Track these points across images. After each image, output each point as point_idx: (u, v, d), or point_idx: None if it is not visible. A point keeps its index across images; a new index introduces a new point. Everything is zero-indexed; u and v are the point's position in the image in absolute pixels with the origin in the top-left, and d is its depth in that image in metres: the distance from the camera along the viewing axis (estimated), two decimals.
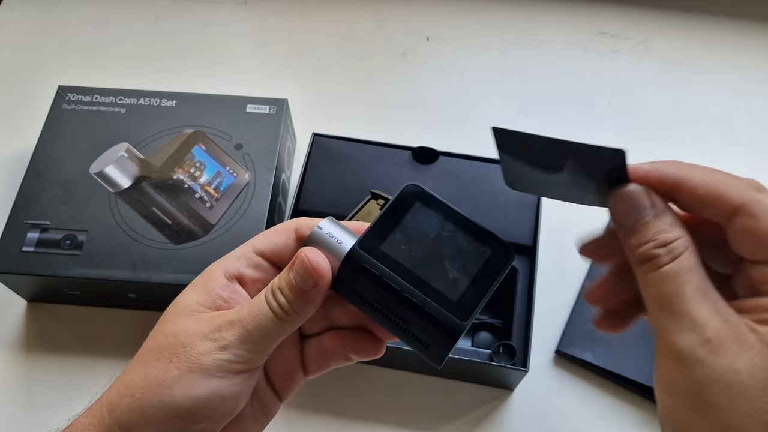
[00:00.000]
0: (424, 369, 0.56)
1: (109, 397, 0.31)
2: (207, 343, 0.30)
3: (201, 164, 0.59)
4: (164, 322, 0.32)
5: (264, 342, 0.31)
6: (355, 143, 0.61)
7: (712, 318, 0.25)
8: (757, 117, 0.71)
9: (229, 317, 0.31)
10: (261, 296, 0.32)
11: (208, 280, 0.33)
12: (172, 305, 0.33)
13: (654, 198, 0.27)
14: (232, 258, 0.33)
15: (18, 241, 0.54)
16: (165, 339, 0.31)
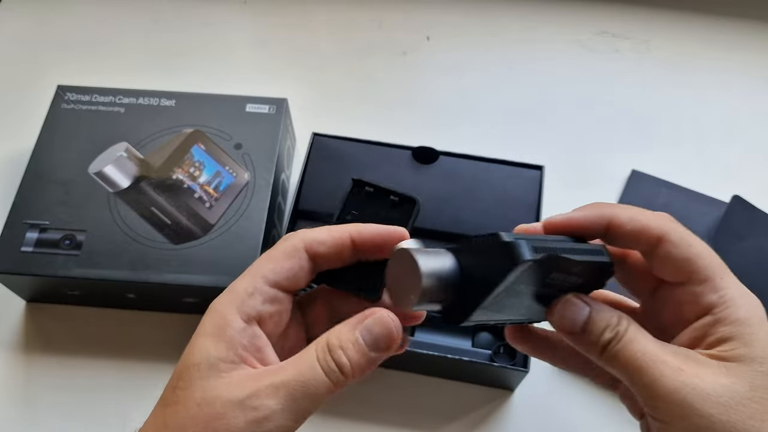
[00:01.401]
0: (425, 370, 0.56)
1: None
2: (246, 413, 0.27)
3: (200, 164, 0.59)
4: (189, 387, 0.28)
5: (311, 409, 0.28)
6: (355, 143, 0.60)
7: (677, 359, 0.28)
8: (757, 117, 0.71)
9: (270, 381, 0.28)
10: (311, 357, 0.29)
11: (223, 327, 0.29)
12: (192, 364, 0.29)
13: (583, 297, 0.30)
14: (244, 294, 0.30)
15: (17, 241, 0.54)
16: (197, 409, 0.28)
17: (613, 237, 0.31)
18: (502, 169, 0.59)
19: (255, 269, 0.31)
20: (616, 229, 0.31)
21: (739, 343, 0.28)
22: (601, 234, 0.31)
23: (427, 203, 0.57)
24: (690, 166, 0.66)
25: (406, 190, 0.33)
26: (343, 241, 0.31)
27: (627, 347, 0.28)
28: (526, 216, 0.57)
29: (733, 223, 0.62)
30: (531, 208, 0.57)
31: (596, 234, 0.31)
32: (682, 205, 0.64)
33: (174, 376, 0.30)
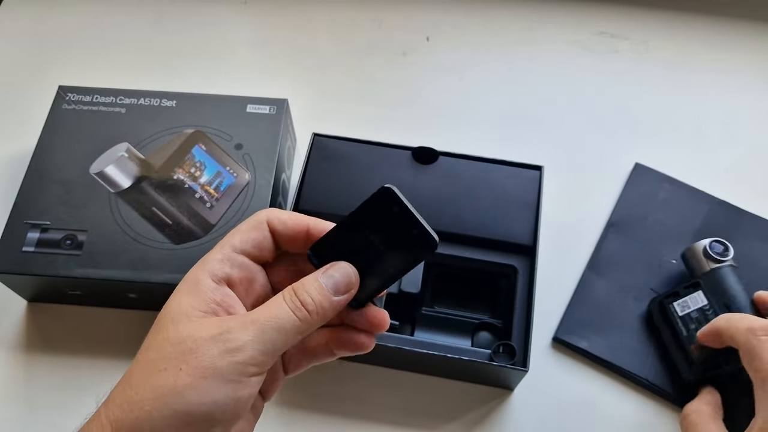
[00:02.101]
0: (425, 369, 0.56)
1: (112, 415, 0.30)
2: (219, 345, 0.30)
3: (201, 164, 0.59)
4: (162, 331, 0.31)
5: (278, 343, 0.31)
6: (355, 143, 0.61)
7: None
8: (757, 117, 0.71)
9: (241, 319, 0.31)
10: (278, 298, 0.32)
11: (196, 286, 0.32)
12: (165, 314, 0.32)
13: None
14: (215, 261, 0.33)
15: (18, 241, 0.54)
16: (170, 348, 0.30)
17: None
18: (502, 170, 0.59)
19: (224, 241, 0.34)
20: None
21: None
22: None
23: (427, 203, 0.57)
24: (689, 165, 0.67)
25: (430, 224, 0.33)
26: (300, 228, 0.35)
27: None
28: (525, 216, 0.57)
29: (714, 226, 0.62)
30: (531, 207, 0.57)
31: None
32: (682, 201, 0.64)
33: (150, 331, 0.32)
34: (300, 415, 0.54)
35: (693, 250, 0.57)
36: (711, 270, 0.55)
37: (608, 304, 0.59)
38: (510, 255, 0.56)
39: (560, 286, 0.60)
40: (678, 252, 0.59)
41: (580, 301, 0.59)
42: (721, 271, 0.54)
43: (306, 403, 0.55)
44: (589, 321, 0.58)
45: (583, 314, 0.58)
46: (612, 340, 0.57)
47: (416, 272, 0.54)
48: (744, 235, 0.61)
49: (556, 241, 0.62)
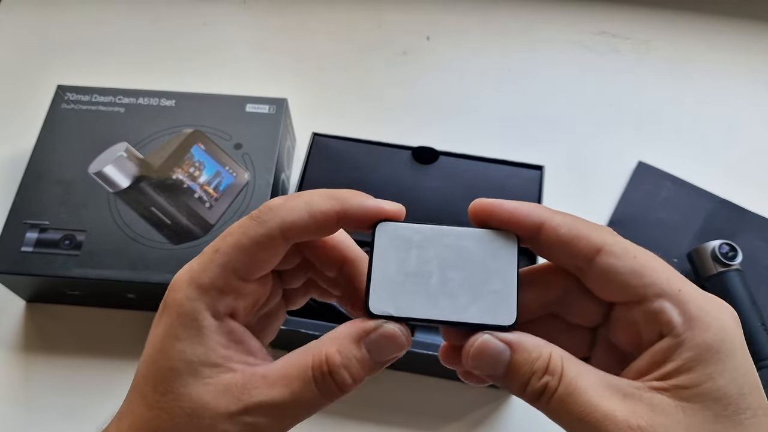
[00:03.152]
0: (425, 370, 0.56)
1: None
2: (236, 427, 0.25)
3: (200, 164, 0.58)
4: (172, 393, 0.26)
5: (302, 420, 0.26)
6: (355, 143, 0.60)
7: (626, 407, 0.24)
8: (758, 117, 0.71)
9: (261, 398, 0.26)
10: (306, 376, 0.26)
11: (196, 330, 0.26)
12: (168, 367, 0.26)
13: (500, 335, 0.26)
14: (213, 292, 0.27)
15: (17, 241, 0.54)
16: (187, 420, 0.26)
17: (544, 242, 0.27)
18: (502, 169, 0.59)
19: (225, 259, 0.27)
20: (549, 232, 0.26)
21: (704, 375, 0.23)
22: (531, 234, 0.27)
23: (427, 203, 0.57)
24: (691, 164, 0.66)
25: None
26: (328, 225, 0.27)
27: (565, 403, 0.24)
28: None
29: (716, 225, 0.62)
30: None
31: (525, 232, 0.27)
32: (684, 200, 0.64)
33: (149, 375, 0.27)
34: None
35: (700, 252, 0.56)
36: (718, 273, 0.55)
37: None
38: None
39: None
40: (679, 251, 0.59)
41: None
42: (728, 275, 0.54)
43: None
44: None
45: None
46: None
47: None
48: (746, 234, 0.61)
49: None
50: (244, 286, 0.27)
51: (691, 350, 0.24)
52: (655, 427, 0.23)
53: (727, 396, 0.23)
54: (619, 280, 0.25)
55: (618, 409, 0.23)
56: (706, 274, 0.55)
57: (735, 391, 0.23)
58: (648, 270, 0.26)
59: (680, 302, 0.25)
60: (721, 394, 0.23)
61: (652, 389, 0.24)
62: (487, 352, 0.25)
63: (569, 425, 0.25)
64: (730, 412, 0.23)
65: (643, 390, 0.24)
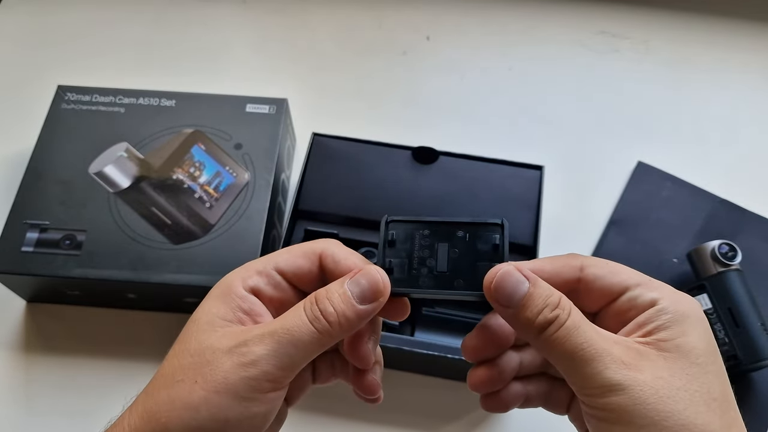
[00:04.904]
0: (425, 370, 0.56)
1: (133, 423, 0.29)
2: (234, 358, 0.28)
3: (200, 164, 0.59)
4: (187, 340, 0.30)
5: (296, 358, 0.29)
6: (355, 143, 0.60)
7: (619, 349, 0.28)
8: (757, 117, 0.71)
9: (259, 331, 0.29)
10: (298, 308, 0.30)
11: (226, 292, 0.31)
12: (193, 321, 0.31)
13: (523, 270, 0.30)
14: (253, 271, 0.32)
15: (17, 241, 0.54)
16: (189, 358, 0.29)
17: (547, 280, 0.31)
18: (502, 169, 0.59)
19: (272, 255, 0.33)
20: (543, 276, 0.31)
21: (678, 332, 0.28)
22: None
23: (427, 203, 0.57)
24: (691, 164, 0.67)
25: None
26: (348, 267, 0.32)
27: (571, 334, 0.28)
28: (526, 216, 0.57)
29: (716, 225, 0.62)
30: (531, 208, 0.57)
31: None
32: (684, 200, 0.64)
33: (179, 336, 0.31)
34: (299, 415, 0.54)
35: (700, 252, 0.56)
36: (718, 273, 0.55)
37: None
38: (510, 255, 0.55)
39: None
40: (679, 251, 0.59)
41: None
42: (728, 275, 0.54)
43: (305, 402, 0.55)
44: None
45: None
46: None
47: None
48: (746, 234, 0.61)
49: (557, 238, 0.62)
50: (277, 277, 0.32)
51: (668, 314, 0.29)
52: (642, 366, 0.28)
53: (696, 349, 0.28)
54: (603, 282, 0.31)
55: (615, 350, 0.28)
56: (706, 274, 0.55)
57: (703, 347, 0.28)
58: (621, 269, 0.31)
59: (654, 287, 0.30)
60: (692, 347, 0.28)
61: (638, 343, 0.29)
62: (509, 280, 0.29)
63: (565, 356, 0.28)
64: (700, 362, 0.28)
65: (631, 342, 0.29)
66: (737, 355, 0.52)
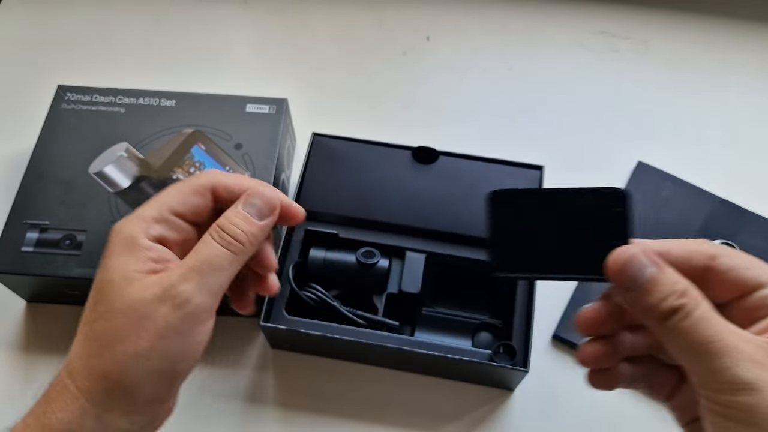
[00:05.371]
0: (425, 369, 0.56)
1: (81, 385, 0.31)
2: (167, 303, 0.31)
3: (200, 164, 0.59)
4: (108, 300, 0.31)
5: (222, 281, 0.32)
6: (355, 143, 0.60)
7: (750, 347, 0.27)
8: (757, 117, 0.71)
9: (179, 271, 0.32)
10: (207, 241, 0.33)
11: (132, 246, 0.32)
12: (108, 281, 0.32)
13: (649, 254, 0.30)
14: (151, 220, 0.33)
15: (17, 241, 0.54)
16: (123, 317, 0.31)
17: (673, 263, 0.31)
18: (502, 169, 0.59)
19: (162, 198, 0.34)
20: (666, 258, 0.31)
21: None
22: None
23: (427, 203, 0.57)
24: (691, 164, 0.67)
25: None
26: (242, 190, 0.35)
27: (699, 325, 0.27)
28: None
29: (716, 225, 0.62)
30: None
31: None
32: (684, 200, 0.64)
33: (91, 296, 0.32)
34: (299, 416, 0.54)
35: None
36: None
37: None
38: None
39: (561, 283, 0.60)
40: None
41: (580, 299, 0.59)
42: None
43: (305, 403, 0.55)
44: None
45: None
46: None
47: (416, 272, 0.54)
48: (746, 234, 0.61)
49: None
50: (175, 220, 0.34)
51: None
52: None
53: None
54: (736, 275, 0.30)
55: (746, 347, 0.27)
56: None
57: None
58: (757, 263, 0.30)
59: None
60: None
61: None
62: (635, 263, 0.29)
63: (690, 347, 0.27)
64: None
65: (762, 341, 0.27)
66: None
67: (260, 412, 0.54)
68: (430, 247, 0.55)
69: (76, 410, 0.31)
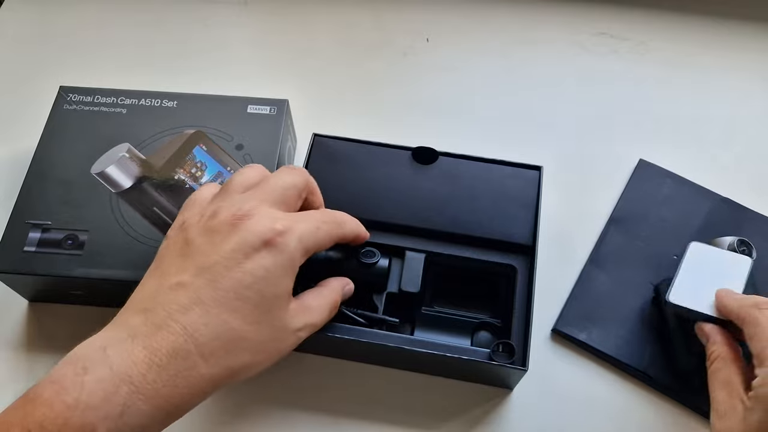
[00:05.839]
0: (423, 368, 0.56)
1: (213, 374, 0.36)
2: (295, 339, 0.40)
3: (202, 164, 0.59)
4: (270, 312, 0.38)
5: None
6: (355, 143, 0.61)
7: (722, 398, 0.41)
8: (756, 118, 0.72)
9: (308, 321, 0.41)
10: (333, 306, 0.45)
11: (293, 270, 0.39)
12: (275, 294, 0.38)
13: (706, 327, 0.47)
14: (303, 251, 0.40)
15: (19, 241, 0.55)
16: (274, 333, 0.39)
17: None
18: (502, 170, 0.59)
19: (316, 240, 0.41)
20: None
21: None
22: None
23: (427, 203, 0.57)
24: (692, 162, 0.67)
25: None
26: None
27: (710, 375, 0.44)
28: (525, 216, 0.57)
29: (717, 223, 0.62)
30: (530, 207, 0.57)
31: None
32: (685, 198, 0.64)
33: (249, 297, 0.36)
34: (298, 414, 0.55)
35: (715, 245, 0.57)
36: None
37: (608, 298, 0.59)
38: (509, 255, 0.56)
39: (561, 279, 0.60)
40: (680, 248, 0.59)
41: (580, 294, 0.59)
42: None
43: (305, 401, 0.55)
44: (588, 313, 0.58)
45: (582, 307, 0.59)
46: (611, 333, 0.57)
47: (416, 272, 0.54)
48: (747, 232, 0.61)
49: (558, 235, 0.62)
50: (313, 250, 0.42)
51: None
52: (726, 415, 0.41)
53: None
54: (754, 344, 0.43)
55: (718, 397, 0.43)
56: None
57: None
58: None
59: None
60: None
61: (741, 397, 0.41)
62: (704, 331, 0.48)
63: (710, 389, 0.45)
64: None
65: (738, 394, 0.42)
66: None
67: (259, 410, 0.55)
68: (430, 247, 0.56)
69: (194, 395, 0.35)
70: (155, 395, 0.32)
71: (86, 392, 0.31)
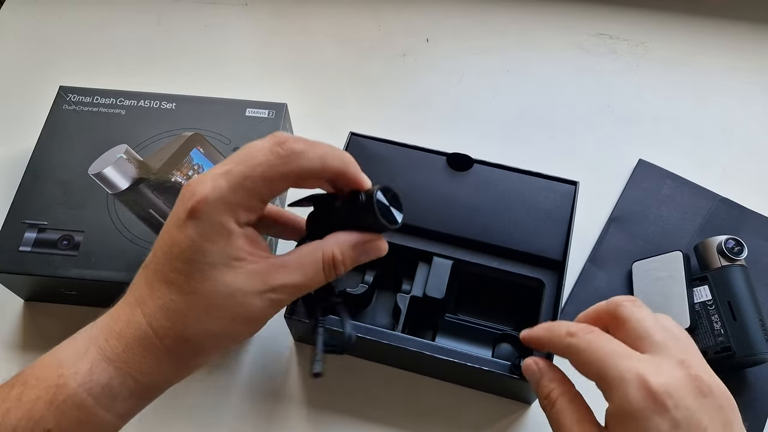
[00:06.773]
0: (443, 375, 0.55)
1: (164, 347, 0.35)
2: (264, 301, 0.35)
3: (199, 167, 0.59)
4: (207, 280, 0.34)
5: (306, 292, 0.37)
6: (391, 145, 0.59)
7: None
8: (754, 119, 0.71)
9: (284, 281, 0.36)
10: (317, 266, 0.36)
11: (228, 235, 0.35)
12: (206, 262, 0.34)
13: (539, 363, 0.41)
14: (240, 209, 0.35)
15: (15, 241, 0.55)
16: (222, 300, 0.35)
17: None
18: (537, 182, 0.57)
19: (254, 187, 0.35)
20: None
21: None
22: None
23: (458, 210, 0.56)
24: (691, 163, 0.67)
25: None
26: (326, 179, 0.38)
27: (553, 415, 0.40)
28: (557, 230, 0.55)
29: (716, 223, 0.62)
30: (563, 222, 0.56)
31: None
32: (685, 198, 0.64)
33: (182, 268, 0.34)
34: (303, 414, 0.54)
35: (707, 245, 0.57)
36: (722, 267, 0.55)
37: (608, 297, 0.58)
38: (538, 269, 0.54)
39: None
40: (679, 248, 0.59)
41: (580, 293, 0.59)
42: (731, 269, 0.55)
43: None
44: None
45: (582, 305, 0.58)
46: None
47: (442, 278, 0.53)
48: (746, 232, 0.61)
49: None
50: (260, 205, 0.36)
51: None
52: None
53: None
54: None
55: None
56: (710, 267, 0.56)
57: None
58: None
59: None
60: None
61: None
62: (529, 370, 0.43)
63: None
64: None
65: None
66: (731, 347, 0.52)
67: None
68: (458, 254, 0.54)
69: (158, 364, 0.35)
70: (116, 358, 0.35)
71: (61, 349, 0.38)
